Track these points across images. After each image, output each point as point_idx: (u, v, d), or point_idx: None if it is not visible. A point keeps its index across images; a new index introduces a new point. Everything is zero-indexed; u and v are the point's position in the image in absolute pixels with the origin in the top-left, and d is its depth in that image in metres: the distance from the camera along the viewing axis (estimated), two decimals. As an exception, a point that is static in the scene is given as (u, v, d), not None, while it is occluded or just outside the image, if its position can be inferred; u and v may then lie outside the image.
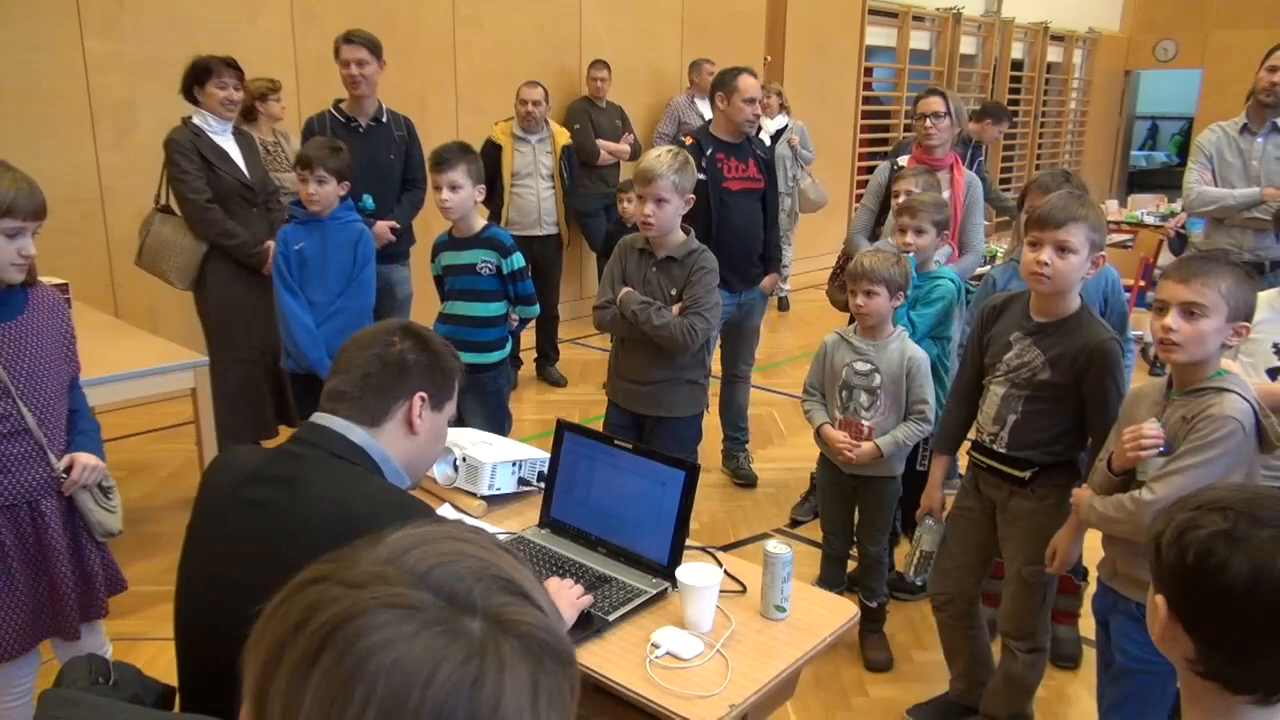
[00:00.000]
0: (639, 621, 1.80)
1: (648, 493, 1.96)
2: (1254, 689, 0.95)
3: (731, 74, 3.82)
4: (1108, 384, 2.16)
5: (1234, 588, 0.93)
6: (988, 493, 2.41)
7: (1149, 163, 16.13)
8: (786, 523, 3.91)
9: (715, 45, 7.48)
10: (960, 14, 10.20)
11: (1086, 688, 2.72)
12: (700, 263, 2.90)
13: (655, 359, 2.97)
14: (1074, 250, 2.11)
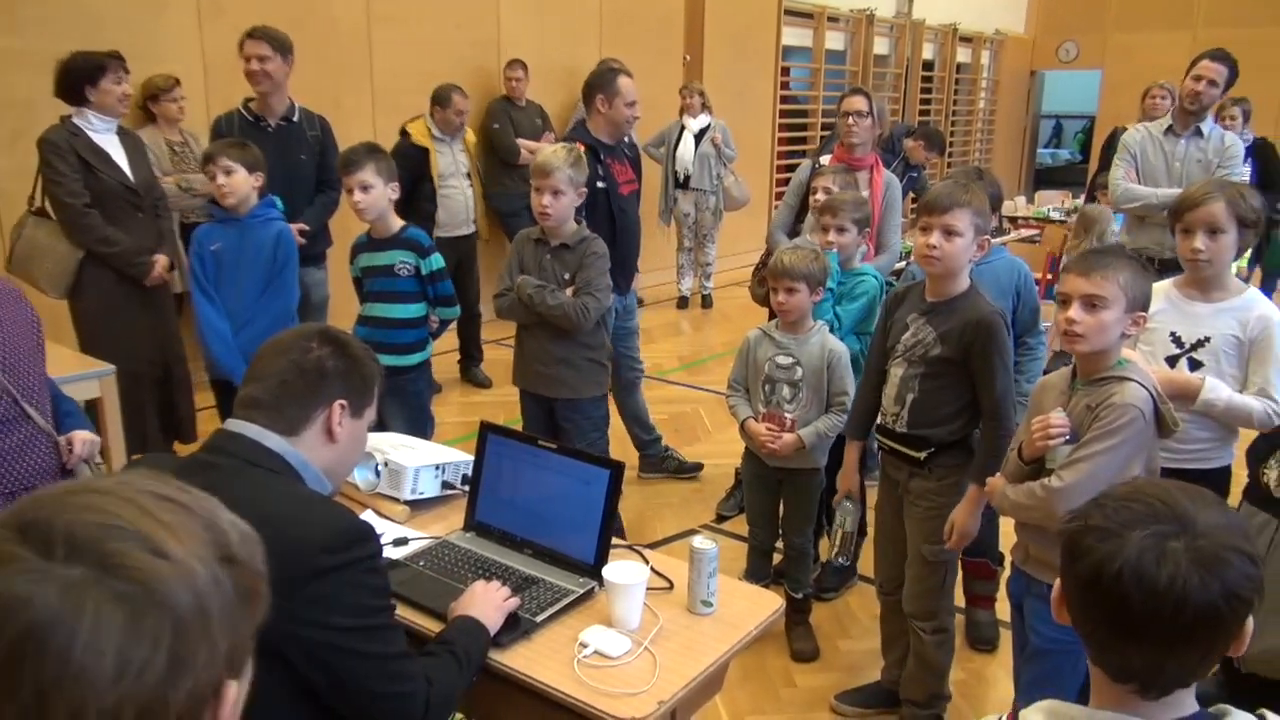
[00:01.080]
0: (567, 622, 1.80)
1: (573, 492, 1.95)
2: (1127, 679, 0.99)
3: (610, 75, 3.75)
4: (992, 355, 2.26)
5: (1082, 577, 0.98)
6: (891, 474, 2.50)
7: (1054, 160, 16.72)
8: (713, 518, 3.94)
9: (634, 45, 7.50)
10: (873, 15, 10.42)
11: (1005, 670, 2.81)
12: (592, 248, 3.05)
13: (555, 340, 3.07)
14: (960, 233, 2.23)
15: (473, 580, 1.81)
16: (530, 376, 3.19)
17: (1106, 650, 1.00)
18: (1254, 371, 2.31)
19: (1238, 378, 2.33)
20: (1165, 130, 4.21)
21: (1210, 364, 2.34)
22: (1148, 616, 0.93)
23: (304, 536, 1.33)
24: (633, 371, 4.19)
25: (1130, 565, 0.93)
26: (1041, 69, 14.06)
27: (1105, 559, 0.95)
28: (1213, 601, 0.92)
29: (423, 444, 2.46)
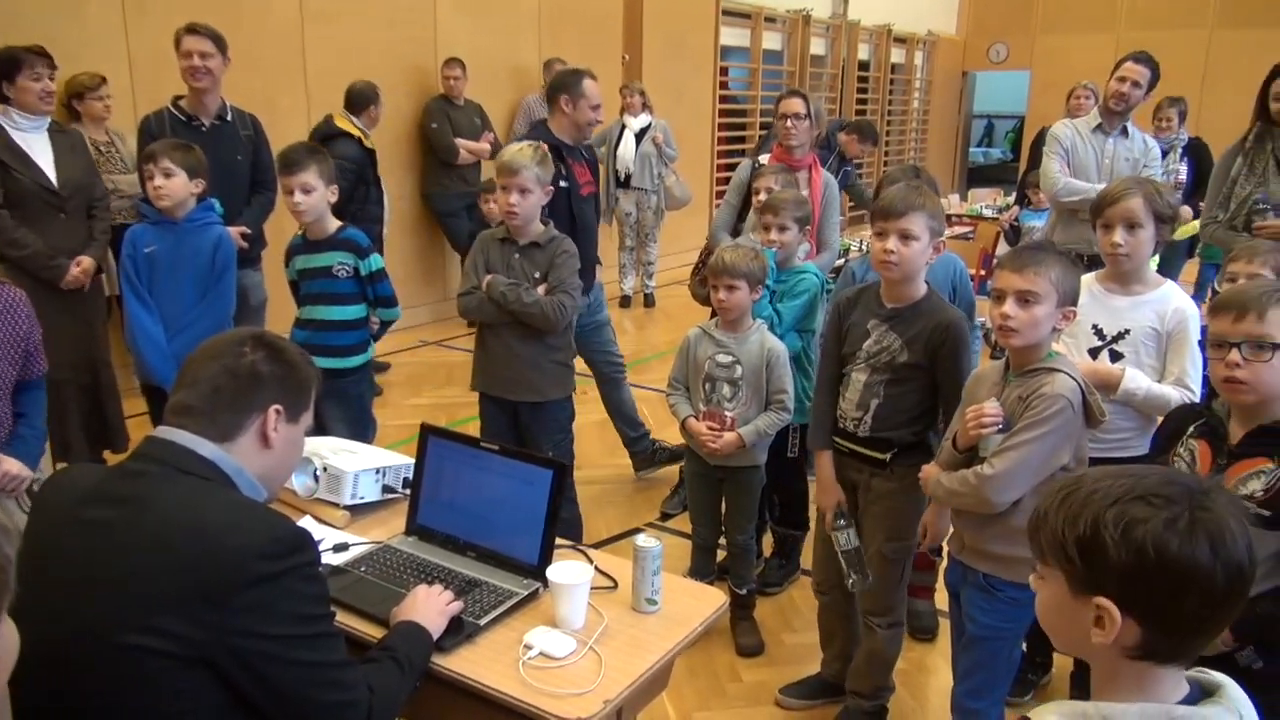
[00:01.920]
0: (511, 624, 1.78)
1: (516, 493, 1.94)
2: (1186, 655, 1.01)
3: (574, 77, 3.72)
4: (960, 358, 2.30)
5: (1201, 567, 0.96)
6: (848, 476, 2.50)
7: (986, 159, 17.09)
8: (657, 516, 3.95)
9: (573, 44, 7.49)
10: (809, 16, 10.54)
11: (944, 658, 2.86)
12: (563, 247, 3.03)
13: (523, 341, 3.02)
14: (916, 237, 2.25)
15: (415, 585, 1.79)
16: (494, 379, 3.13)
17: (1195, 633, 0.99)
18: (1171, 361, 2.39)
19: (1156, 368, 2.41)
20: (1094, 128, 4.33)
21: (1130, 355, 2.41)
22: (1249, 575, 0.98)
23: (239, 545, 1.31)
24: (612, 366, 4.18)
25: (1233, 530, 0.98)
26: (973, 70, 14.37)
27: (1215, 536, 0.97)
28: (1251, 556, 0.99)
29: (363, 448, 2.43)
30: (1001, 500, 1.97)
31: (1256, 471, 1.77)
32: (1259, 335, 1.74)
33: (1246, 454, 1.79)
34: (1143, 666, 1.00)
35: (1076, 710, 0.98)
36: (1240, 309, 1.77)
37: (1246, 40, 10.90)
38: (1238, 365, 1.75)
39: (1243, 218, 3.60)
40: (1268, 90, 3.58)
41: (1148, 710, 0.97)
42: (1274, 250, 2.47)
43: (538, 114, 7.14)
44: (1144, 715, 0.97)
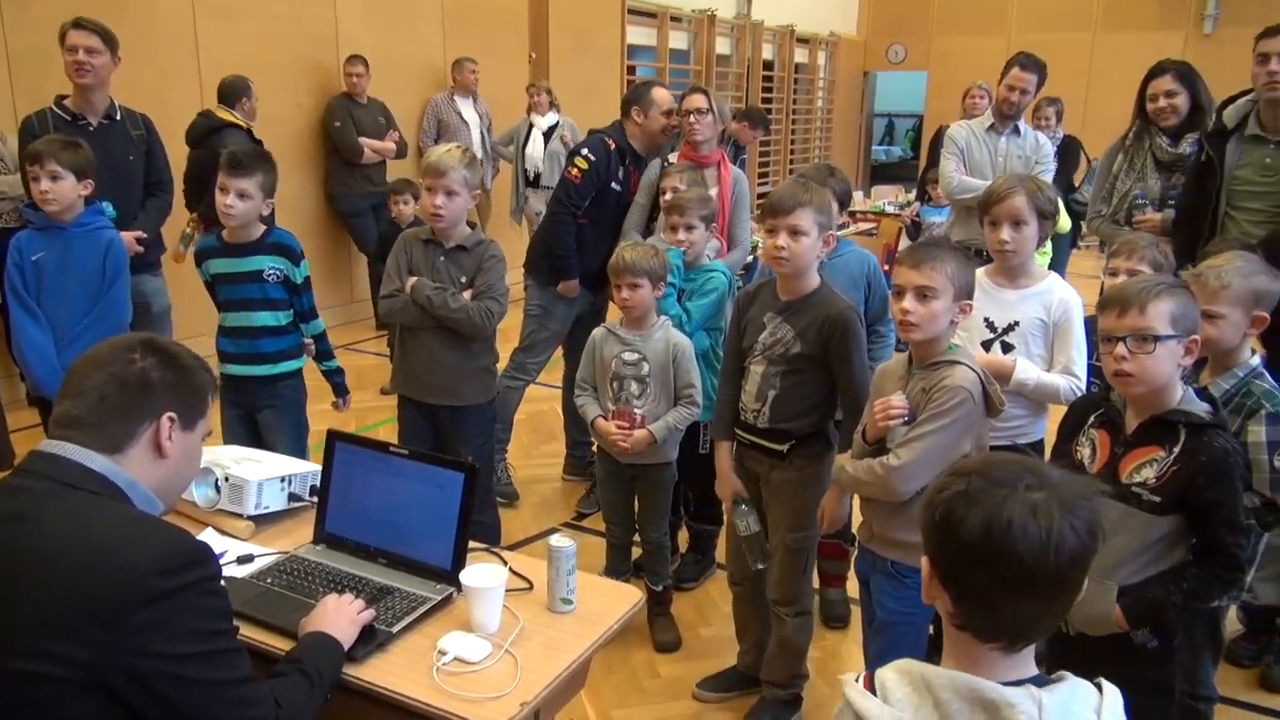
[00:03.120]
0: (425, 630, 1.76)
1: (427, 498, 1.92)
2: (999, 636, 1.06)
3: (645, 88, 3.85)
4: (850, 348, 2.35)
5: (970, 541, 1.02)
6: (751, 467, 2.55)
7: (888, 156, 17.56)
8: (572, 516, 3.95)
9: (479, 41, 7.42)
10: (714, 15, 10.66)
11: (857, 645, 2.92)
12: (491, 251, 2.98)
13: (446, 346, 2.97)
14: (805, 233, 2.30)
15: (324, 595, 1.75)
16: (416, 383, 3.07)
17: (988, 609, 1.05)
18: (1058, 351, 2.49)
19: (1045, 357, 2.51)
20: (987, 128, 4.50)
21: (1020, 346, 2.51)
22: (1035, 567, 1.01)
23: (134, 561, 1.25)
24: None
25: (1015, 522, 1.01)
26: (873, 70, 14.73)
27: (990, 520, 1.01)
28: (1082, 542, 1.02)
29: (267, 456, 2.36)
30: (906, 489, 2.03)
31: (1149, 460, 1.87)
32: (1142, 328, 1.83)
33: (1140, 443, 1.89)
34: (966, 639, 1.07)
35: (907, 667, 1.07)
36: (1123, 305, 1.87)
37: (1127, 43, 11.44)
38: (1124, 358, 1.84)
39: (1124, 212, 3.79)
40: (1145, 90, 3.77)
41: (957, 679, 1.04)
42: (1152, 245, 2.60)
43: (444, 114, 7.08)
44: (952, 680, 1.04)
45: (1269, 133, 3.24)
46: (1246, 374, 2.23)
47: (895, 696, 1.05)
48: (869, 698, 1.06)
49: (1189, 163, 3.58)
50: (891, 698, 1.05)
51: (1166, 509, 1.84)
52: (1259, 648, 2.97)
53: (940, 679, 1.04)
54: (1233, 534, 1.82)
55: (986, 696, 1.02)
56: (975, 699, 1.02)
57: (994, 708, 1.01)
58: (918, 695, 1.04)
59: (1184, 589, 1.85)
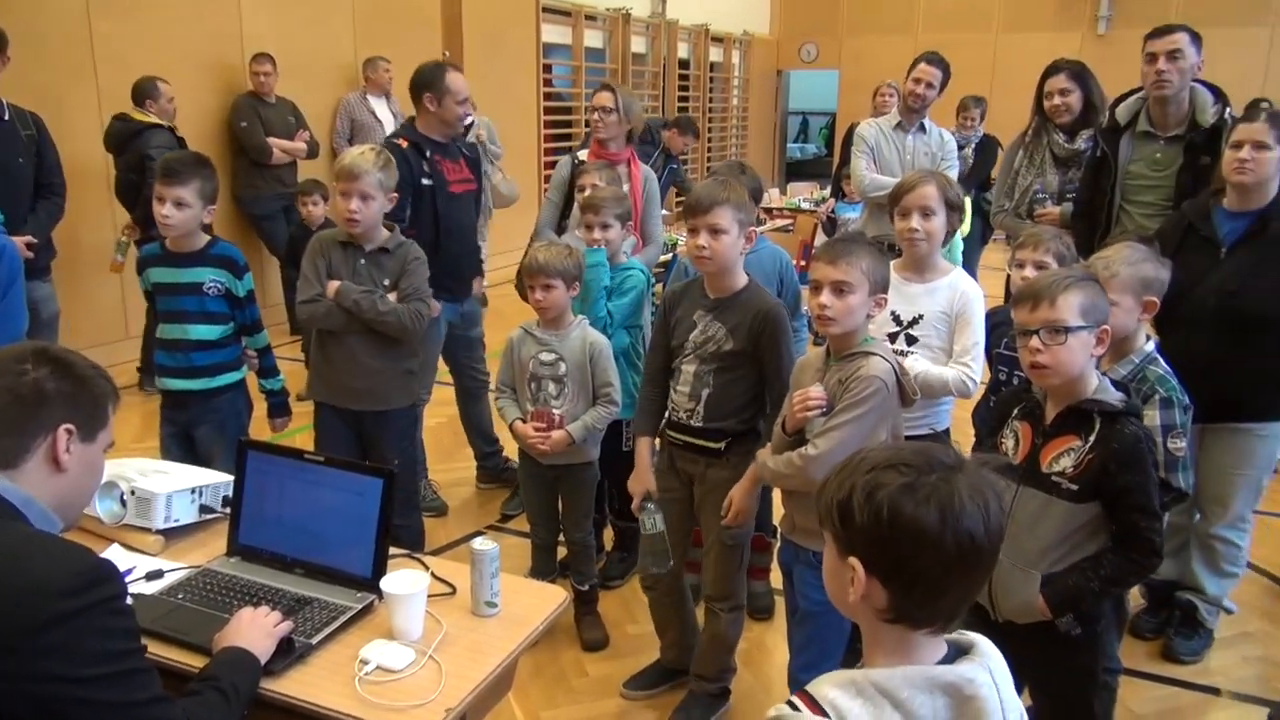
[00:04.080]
0: (345, 640, 1.73)
1: (345, 505, 1.88)
2: (935, 620, 1.07)
3: (438, 71, 3.58)
4: (780, 343, 2.38)
5: (928, 530, 1.01)
6: (684, 468, 2.56)
7: (803, 154, 17.83)
8: (497, 518, 3.91)
9: (390, 40, 7.28)
10: (629, 14, 10.68)
11: (781, 635, 2.96)
12: (413, 253, 2.95)
13: (371, 350, 2.92)
14: (725, 230, 2.32)
15: (239, 608, 1.70)
16: (336, 389, 3.00)
17: (936, 594, 1.04)
18: (957, 342, 2.57)
19: (947, 349, 2.59)
20: (895, 126, 4.61)
21: (924, 338, 2.59)
22: (984, 544, 1.03)
23: (32, 582, 1.20)
24: (475, 381, 4.08)
25: (965, 503, 1.02)
26: (787, 69, 14.95)
27: (944, 506, 1.01)
28: (1004, 513, 1.06)
29: (176, 467, 2.29)
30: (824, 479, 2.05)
31: (1067, 449, 1.93)
32: (1053, 321, 1.90)
33: (1058, 433, 1.96)
34: (898, 630, 1.06)
35: (848, 679, 1.03)
36: (1035, 298, 1.94)
37: (1027, 43, 11.83)
38: (1039, 350, 1.90)
39: (1026, 206, 3.93)
40: (1042, 89, 3.91)
41: (909, 673, 1.03)
42: (1055, 237, 2.69)
43: (357, 113, 6.95)
44: (906, 678, 1.02)
45: (1158, 129, 3.39)
46: (1142, 360, 2.33)
47: (851, 713, 1.00)
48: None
49: (1085, 158, 3.72)
50: (848, 715, 1.00)
51: (1084, 497, 1.90)
52: (1160, 621, 3.11)
53: (892, 679, 1.02)
54: (1146, 519, 1.89)
55: (945, 680, 1.02)
56: (934, 685, 1.02)
57: (955, 689, 1.02)
58: (873, 704, 1.01)
59: (1102, 575, 1.92)
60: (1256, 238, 2.71)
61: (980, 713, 1.00)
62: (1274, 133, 2.64)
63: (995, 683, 1.04)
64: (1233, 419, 2.80)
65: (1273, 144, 2.63)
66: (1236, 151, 2.67)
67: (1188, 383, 2.33)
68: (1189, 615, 3.04)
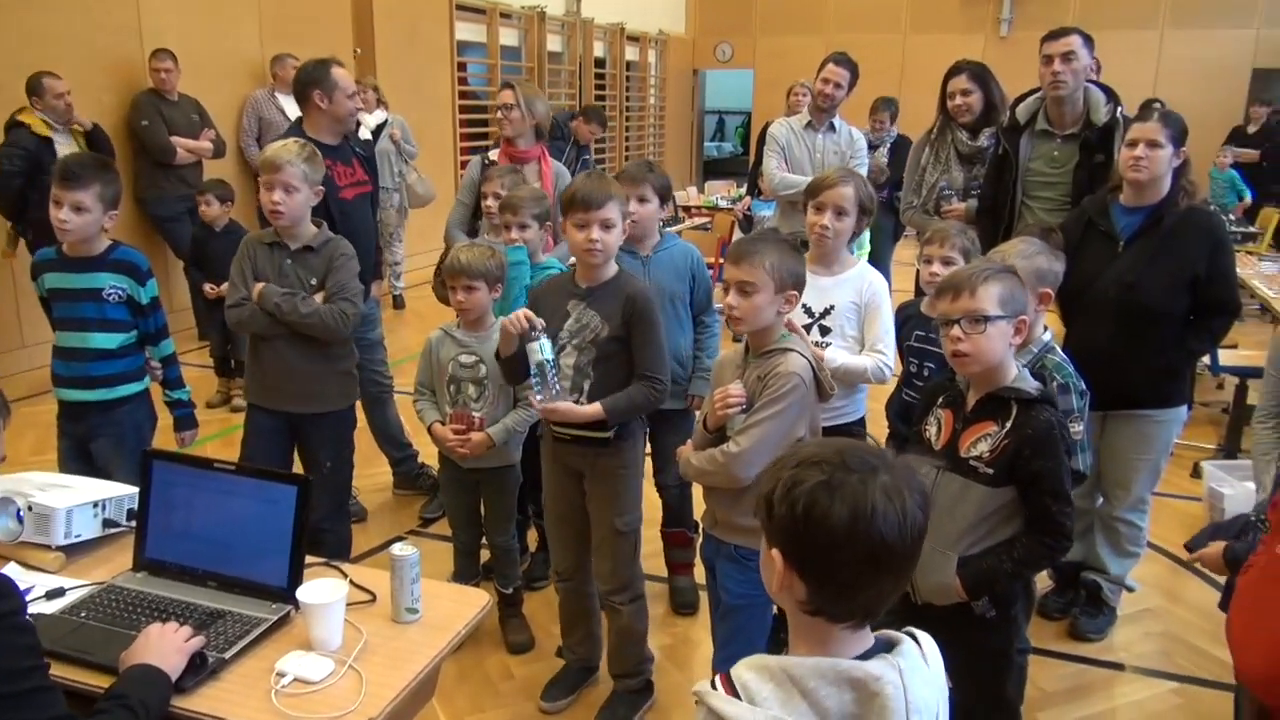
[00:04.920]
0: (261, 653, 1.69)
1: (258, 514, 1.83)
2: (853, 615, 1.09)
3: (323, 68, 3.48)
4: (649, 322, 2.39)
5: (838, 529, 1.04)
6: (572, 464, 2.52)
7: (720, 153, 18.01)
8: (418, 523, 3.86)
9: (299, 36, 7.11)
10: (544, 13, 10.63)
11: (706, 630, 2.98)
12: (340, 249, 2.87)
13: (301, 352, 2.84)
14: (613, 224, 2.36)
15: (147, 624, 1.64)
16: (272, 392, 2.91)
17: (848, 592, 1.07)
18: (868, 332, 2.65)
19: (857, 339, 2.67)
20: (805, 125, 4.70)
21: (836, 329, 2.66)
22: (896, 547, 1.04)
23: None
24: (379, 386, 4.00)
25: (878, 507, 1.04)
26: (702, 68, 15.08)
27: (856, 507, 1.03)
28: (925, 516, 1.08)
29: (79, 480, 2.19)
30: (746, 475, 2.08)
31: (984, 435, 2.00)
32: (973, 310, 1.97)
33: (977, 419, 2.03)
34: (818, 622, 1.09)
35: (764, 664, 1.07)
36: (956, 289, 2.01)
37: (934, 44, 12.17)
38: (960, 339, 1.97)
39: (933, 203, 4.04)
40: (945, 89, 4.03)
41: (820, 665, 1.06)
42: (961, 232, 2.78)
43: (265, 111, 6.76)
44: (816, 669, 1.05)
45: (1055, 128, 3.53)
46: (1040, 349, 2.42)
47: (761, 696, 1.04)
48: (735, 703, 1.04)
49: (988, 155, 3.85)
50: (757, 698, 1.04)
51: (1000, 481, 1.97)
52: (1067, 601, 3.24)
53: (802, 668, 1.05)
54: (1058, 503, 1.97)
55: (853, 675, 1.04)
56: (841, 679, 1.04)
57: (861, 684, 1.04)
58: (782, 690, 1.04)
59: (1015, 558, 1.99)
60: (1151, 232, 2.83)
61: (884, 710, 1.03)
62: (1166, 132, 2.77)
63: (904, 683, 1.05)
64: (1132, 406, 2.93)
65: (1165, 142, 2.76)
66: (1132, 150, 2.79)
67: (1090, 372, 2.43)
68: (1094, 595, 3.17)
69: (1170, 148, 2.78)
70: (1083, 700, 2.83)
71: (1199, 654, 3.03)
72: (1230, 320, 2.94)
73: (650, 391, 2.38)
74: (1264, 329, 6.70)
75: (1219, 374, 5.12)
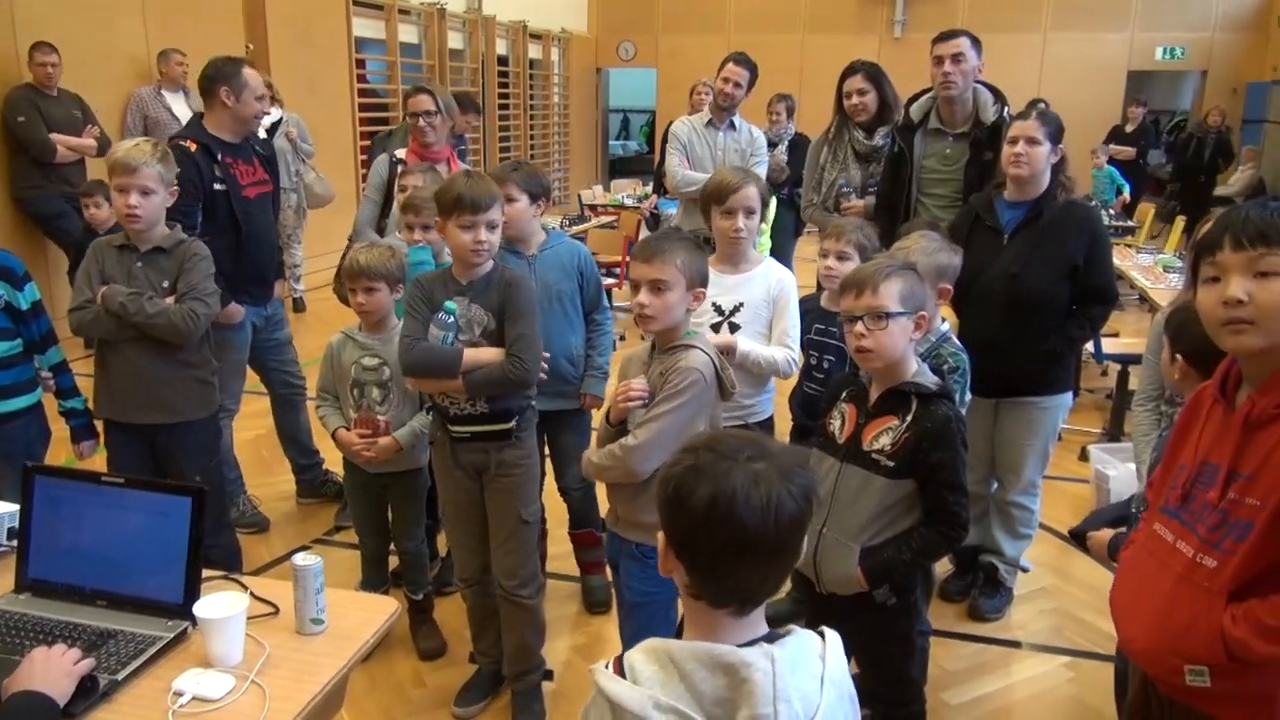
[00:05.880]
0: (157, 672, 1.62)
1: (150, 528, 1.76)
2: (728, 602, 1.12)
3: (234, 65, 3.41)
4: (518, 305, 2.37)
5: (698, 511, 1.08)
6: (473, 460, 2.49)
7: (625, 151, 18.09)
8: (324, 531, 3.77)
9: (189, 30, 6.86)
10: (444, 9, 10.48)
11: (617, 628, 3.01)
12: (193, 250, 2.76)
13: (152, 358, 2.72)
14: (498, 224, 2.36)
15: (31, 649, 1.56)
16: (121, 403, 2.77)
17: (717, 577, 1.10)
18: (776, 325, 2.71)
19: (766, 335, 2.72)
20: (706, 124, 4.76)
21: (746, 325, 2.70)
22: (759, 533, 1.07)
23: None
24: (290, 389, 3.88)
25: (739, 492, 1.06)
26: (606, 66, 15.10)
27: (716, 491, 1.07)
28: (799, 507, 1.09)
29: (-47, 500, 2.07)
30: (644, 469, 2.09)
31: (886, 428, 2.06)
32: (876, 307, 2.03)
33: (879, 413, 2.09)
34: (702, 607, 1.13)
35: (653, 647, 1.12)
36: (859, 286, 2.06)
37: (831, 44, 12.45)
38: (864, 335, 2.02)
39: (833, 200, 4.14)
40: (842, 89, 4.13)
41: (698, 649, 1.10)
42: (858, 229, 2.86)
43: (150, 109, 6.50)
44: (694, 653, 1.09)
45: (947, 126, 3.66)
46: (937, 339, 2.52)
47: (644, 676, 1.09)
48: (619, 681, 1.09)
49: (883, 153, 3.96)
50: (641, 678, 1.09)
51: (900, 473, 2.03)
52: (966, 583, 3.36)
53: (682, 651, 1.10)
54: (954, 494, 2.04)
55: (725, 660, 1.08)
56: (715, 664, 1.08)
57: (732, 669, 1.07)
58: (664, 671, 1.09)
59: (914, 548, 2.05)
60: (1033, 225, 2.96)
61: (751, 695, 1.06)
62: (1044, 129, 2.89)
63: (775, 671, 1.08)
64: (1020, 394, 3.05)
65: (1043, 140, 2.89)
66: (1012, 147, 2.91)
67: (981, 361, 2.54)
68: (991, 576, 3.30)
69: (1048, 145, 2.90)
70: (983, 678, 2.94)
71: (1089, 628, 3.18)
72: (1108, 308, 3.09)
73: (510, 367, 2.35)
74: (1144, 318, 7.06)
75: (1103, 361, 5.38)
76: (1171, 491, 1.57)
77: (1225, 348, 1.47)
